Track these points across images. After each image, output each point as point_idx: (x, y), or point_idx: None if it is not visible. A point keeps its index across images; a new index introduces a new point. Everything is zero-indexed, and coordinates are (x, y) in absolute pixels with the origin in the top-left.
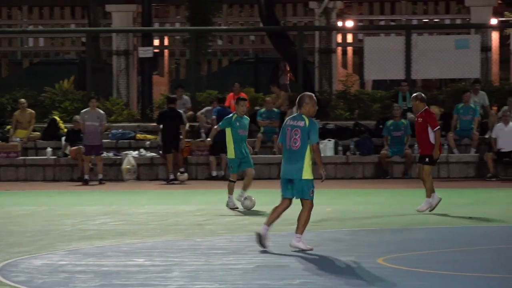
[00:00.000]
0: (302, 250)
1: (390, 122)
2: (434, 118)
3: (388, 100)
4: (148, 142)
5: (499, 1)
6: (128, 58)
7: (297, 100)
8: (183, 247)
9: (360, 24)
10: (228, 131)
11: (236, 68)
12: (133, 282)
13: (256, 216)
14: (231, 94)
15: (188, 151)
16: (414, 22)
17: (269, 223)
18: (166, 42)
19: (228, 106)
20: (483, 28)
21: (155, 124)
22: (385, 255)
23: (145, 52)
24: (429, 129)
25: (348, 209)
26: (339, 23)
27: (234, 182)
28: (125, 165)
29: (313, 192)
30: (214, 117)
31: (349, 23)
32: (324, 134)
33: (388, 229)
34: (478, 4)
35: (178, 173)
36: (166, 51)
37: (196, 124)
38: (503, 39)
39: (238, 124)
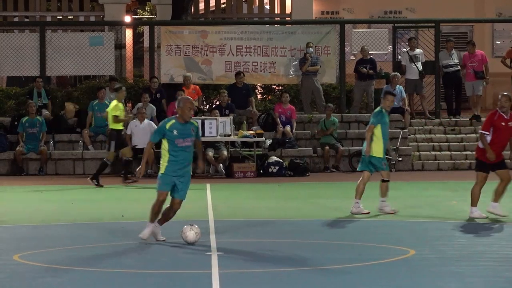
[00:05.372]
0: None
1: (25, 118)
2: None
3: (23, 96)
4: None
5: None
6: None
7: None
8: None
9: None
10: None
11: None
12: None
13: None
14: None
15: None
16: (48, 18)
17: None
18: None
19: None
20: (117, 26)
21: None
22: (21, 251)
23: None
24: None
25: None
26: None
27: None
28: None
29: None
30: None
31: None
32: None
33: (24, 226)
34: (112, 1)
35: None
36: None
37: None
38: (136, 37)
39: None
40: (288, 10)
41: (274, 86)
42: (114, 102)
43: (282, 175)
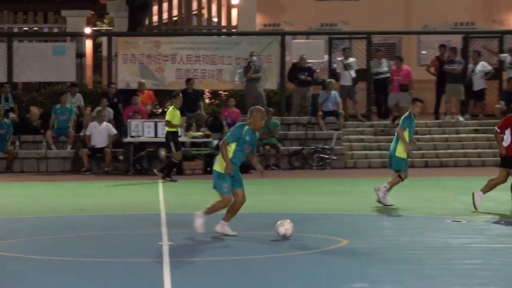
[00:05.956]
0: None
1: None
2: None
3: None
4: None
5: (92, 12)
6: None
7: None
8: None
9: None
10: None
11: None
12: None
13: None
14: None
15: None
16: (15, 30)
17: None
18: None
19: None
20: (78, 36)
21: None
22: None
23: None
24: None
25: None
26: None
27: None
28: None
29: (225, 187)
30: None
31: None
32: None
33: None
34: (74, 14)
35: None
36: None
37: None
38: (96, 46)
39: None
40: (234, 22)
41: (221, 92)
42: (171, 108)
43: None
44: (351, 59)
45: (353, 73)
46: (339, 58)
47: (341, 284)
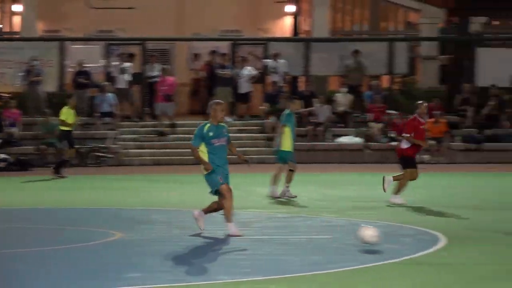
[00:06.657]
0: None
1: None
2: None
3: None
4: None
5: None
6: None
7: None
8: None
9: None
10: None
11: None
12: None
13: None
14: None
15: None
16: None
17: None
18: None
19: None
20: None
21: None
22: None
23: None
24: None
25: None
26: None
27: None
28: None
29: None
30: None
31: None
32: None
33: None
34: None
35: None
36: None
37: None
38: None
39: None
40: (16, 28)
41: (3, 94)
42: (65, 108)
43: (9, 170)
44: (126, 64)
45: (128, 77)
46: (115, 63)
47: (117, 274)
